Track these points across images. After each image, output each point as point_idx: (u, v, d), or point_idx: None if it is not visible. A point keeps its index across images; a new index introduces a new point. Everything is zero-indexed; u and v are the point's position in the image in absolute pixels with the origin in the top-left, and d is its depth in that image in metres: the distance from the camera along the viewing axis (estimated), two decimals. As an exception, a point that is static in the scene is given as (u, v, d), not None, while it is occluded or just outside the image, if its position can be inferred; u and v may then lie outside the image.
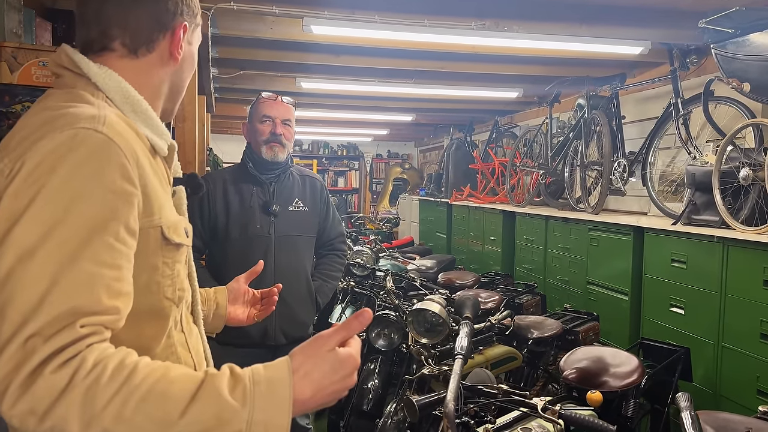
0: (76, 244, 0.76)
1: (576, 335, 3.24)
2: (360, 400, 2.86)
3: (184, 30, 1.01)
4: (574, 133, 4.52)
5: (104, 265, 0.78)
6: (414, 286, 3.87)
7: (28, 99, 1.66)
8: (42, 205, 0.76)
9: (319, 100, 6.00)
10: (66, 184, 0.77)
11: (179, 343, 1.00)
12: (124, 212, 0.82)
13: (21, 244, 0.75)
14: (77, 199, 0.77)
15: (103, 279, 0.78)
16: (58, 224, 0.76)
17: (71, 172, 0.78)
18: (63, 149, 0.78)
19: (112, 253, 0.79)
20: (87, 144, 0.80)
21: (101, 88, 0.91)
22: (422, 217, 7.99)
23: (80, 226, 0.77)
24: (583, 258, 3.87)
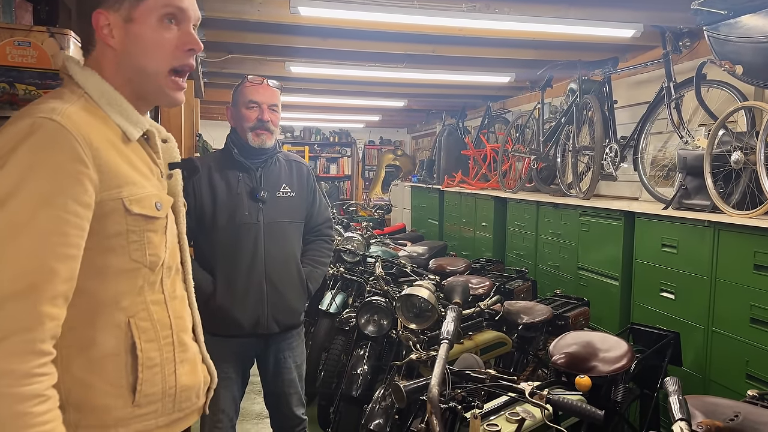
0: (22, 216, 0.92)
1: (566, 320, 3.23)
2: (349, 387, 2.84)
3: (101, 16, 1.09)
4: (565, 118, 4.49)
5: (49, 232, 0.94)
6: (404, 272, 3.85)
7: (3, 80, 1.61)
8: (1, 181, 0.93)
9: (310, 85, 5.94)
10: (18, 164, 0.93)
11: (153, 302, 1.14)
12: (70, 187, 0.97)
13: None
14: (28, 176, 0.93)
15: (49, 245, 0.94)
16: (10, 198, 0.92)
17: (24, 154, 0.94)
18: (19, 136, 0.95)
19: (57, 221, 0.95)
20: (41, 131, 0.96)
21: (81, 86, 1.09)
22: (414, 204, 7.96)
23: (28, 199, 0.93)
24: (573, 243, 3.85)
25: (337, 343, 3.55)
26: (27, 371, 0.91)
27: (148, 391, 1.10)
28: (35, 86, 1.63)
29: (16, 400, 0.90)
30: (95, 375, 1.05)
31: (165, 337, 1.15)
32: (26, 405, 0.90)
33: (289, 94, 6.47)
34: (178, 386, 1.16)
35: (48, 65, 1.65)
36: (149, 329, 1.11)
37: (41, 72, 1.63)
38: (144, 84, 1.13)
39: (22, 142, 0.94)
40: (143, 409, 1.10)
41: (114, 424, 1.07)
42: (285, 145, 10.52)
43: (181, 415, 1.19)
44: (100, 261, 1.04)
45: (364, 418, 2.32)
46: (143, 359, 1.09)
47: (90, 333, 1.05)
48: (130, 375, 1.09)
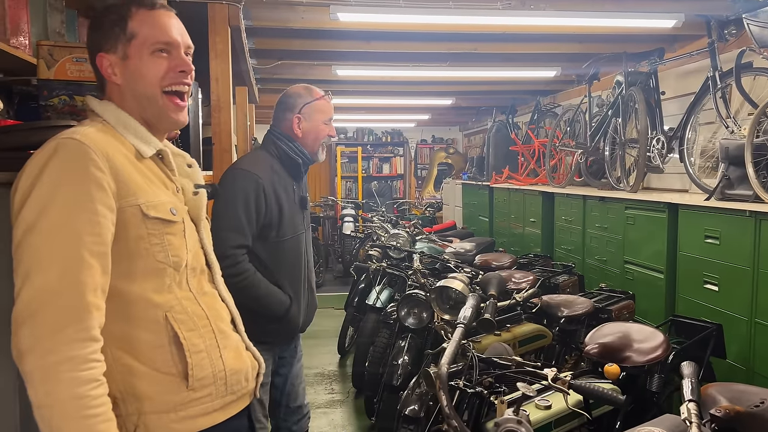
0: (61, 220, 1.06)
1: (609, 314, 3.22)
2: (390, 376, 2.94)
3: (105, 59, 1.26)
4: (612, 110, 4.44)
5: (84, 233, 1.08)
6: (448, 267, 3.92)
7: (63, 92, 1.80)
8: (35, 195, 1.08)
9: (358, 86, 6.08)
10: (50, 178, 1.08)
11: (184, 297, 1.25)
12: (96, 193, 1.11)
13: (23, 223, 1.07)
14: (59, 187, 1.08)
15: (85, 244, 1.08)
16: (47, 206, 1.07)
17: (53, 169, 1.09)
18: (47, 155, 1.11)
19: (90, 223, 1.09)
20: (64, 148, 1.11)
21: (100, 115, 1.26)
22: (465, 201, 7.98)
23: (63, 206, 1.07)
24: (620, 237, 3.82)
25: (382, 336, 3.66)
26: (85, 357, 1.03)
27: (199, 375, 1.20)
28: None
29: (76, 383, 1.01)
30: (146, 366, 1.16)
31: (204, 326, 1.25)
32: (85, 388, 1.02)
33: (338, 96, 6.65)
34: (227, 369, 1.26)
35: (103, 78, 1.83)
36: (187, 320, 1.22)
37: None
38: (148, 109, 1.28)
39: (49, 160, 1.09)
40: (198, 392, 1.20)
41: (174, 408, 1.18)
42: (339, 146, 10.74)
43: (234, 397, 1.29)
44: (127, 264, 1.16)
45: (400, 404, 2.42)
46: (188, 346, 1.20)
47: (130, 329, 1.16)
48: (179, 363, 1.19)
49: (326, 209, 9.29)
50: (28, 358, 1.00)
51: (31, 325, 1.01)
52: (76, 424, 1.00)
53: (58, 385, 1.00)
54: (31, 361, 1.00)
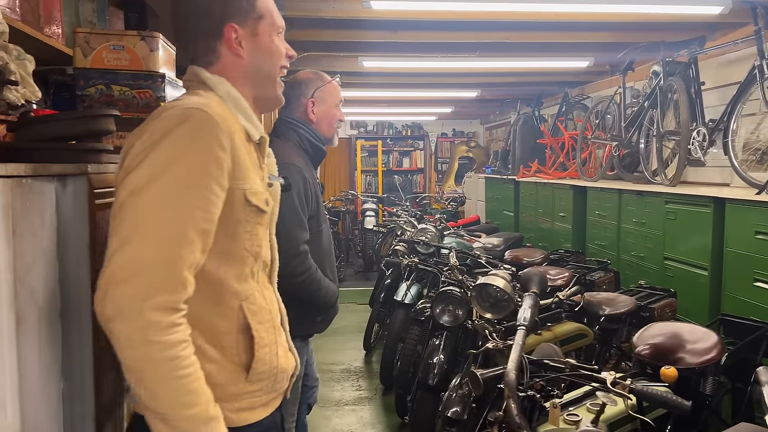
0: (173, 189, 1.02)
1: (651, 312, 3.11)
2: (425, 375, 2.86)
3: (235, 30, 1.22)
4: (649, 101, 4.30)
5: (194, 207, 1.04)
6: (479, 263, 3.82)
7: (101, 82, 1.73)
8: (151, 158, 1.03)
9: (382, 79, 5.99)
10: (173, 145, 1.04)
11: (256, 290, 1.23)
12: (215, 171, 1.07)
13: (132, 184, 1.02)
14: (180, 156, 1.04)
15: (193, 218, 1.04)
16: (161, 173, 1.02)
17: (178, 137, 1.04)
18: (172, 122, 1.06)
19: (202, 199, 1.05)
20: (193, 118, 1.06)
21: (213, 89, 1.21)
22: (488, 196, 7.86)
23: (178, 176, 1.03)
24: (659, 233, 3.70)
25: (413, 333, 3.58)
26: (171, 322, 1.01)
27: (259, 369, 1.19)
28: (129, 87, 1.74)
29: (166, 346, 0.99)
30: (217, 351, 1.16)
31: (268, 321, 1.24)
32: (176, 350, 1.01)
33: (361, 89, 6.56)
34: (279, 367, 1.26)
35: (140, 67, 1.76)
36: (258, 312, 1.21)
37: (134, 73, 1.75)
38: (265, 87, 1.29)
39: (175, 127, 1.05)
40: (254, 386, 1.20)
41: (231, 398, 1.16)
42: (358, 140, 10.66)
43: (275, 395, 1.28)
44: (222, 245, 1.13)
45: (441, 406, 2.33)
46: (258, 339, 1.19)
47: (207, 311, 1.15)
48: (243, 353, 1.18)
49: (346, 203, 9.22)
50: (116, 323, 0.98)
51: (121, 290, 0.98)
52: (169, 384, 1.00)
53: (148, 348, 0.98)
54: (119, 326, 0.98)
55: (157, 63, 1.77)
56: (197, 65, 1.24)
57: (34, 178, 1.10)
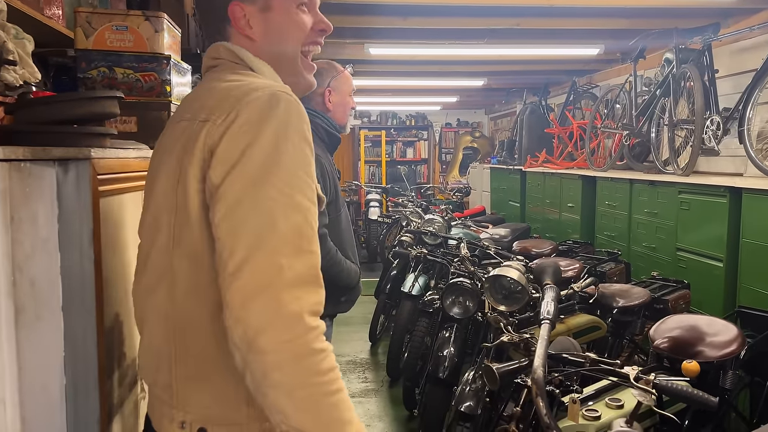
0: (290, 180, 0.91)
1: (665, 304, 3.05)
2: (435, 368, 2.80)
3: (241, 8, 1.07)
4: (661, 90, 4.21)
5: (308, 198, 0.93)
6: (488, 254, 3.76)
7: (103, 64, 1.66)
8: (259, 147, 0.91)
9: (388, 67, 5.90)
10: (274, 131, 0.92)
11: None
12: (311, 157, 0.97)
13: (245, 177, 0.90)
14: (284, 143, 0.92)
15: (310, 211, 0.93)
16: (274, 163, 0.91)
17: (277, 122, 0.93)
18: (268, 105, 0.94)
19: (309, 189, 0.94)
20: (284, 102, 0.95)
21: (259, 73, 1.07)
22: (494, 186, 7.78)
23: (290, 165, 0.92)
24: (672, 223, 3.62)
25: (421, 325, 3.52)
26: (323, 329, 0.90)
27: None
28: (132, 69, 1.67)
29: (326, 355, 0.88)
30: None
31: None
32: (332, 359, 0.89)
33: (366, 77, 6.47)
34: None
35: (144, 48, 1.69)
36: None
37: (138, 55, 1.68)
38: (283, 69, 1.12)
39: (270, 111, 0.93)
40: None
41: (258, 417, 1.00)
42: (362, 130, 10.57)
43: None
44: None
45: (455, 400, 2.27)
46: None
47: None
48: None
49: (350, 194, 9.14)
50: (268, 335, 0.84)
51: (267, 297, 0.85)
52: (333, 399, 0.87)
53: (312, 359, 0.85)
54: (274, 337, 0.84)
55: (162, 44, 1.70)
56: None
57: (34, 162, 1.04)
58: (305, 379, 0.84)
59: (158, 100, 1.69)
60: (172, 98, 1.70)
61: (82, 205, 1.12)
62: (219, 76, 1.04)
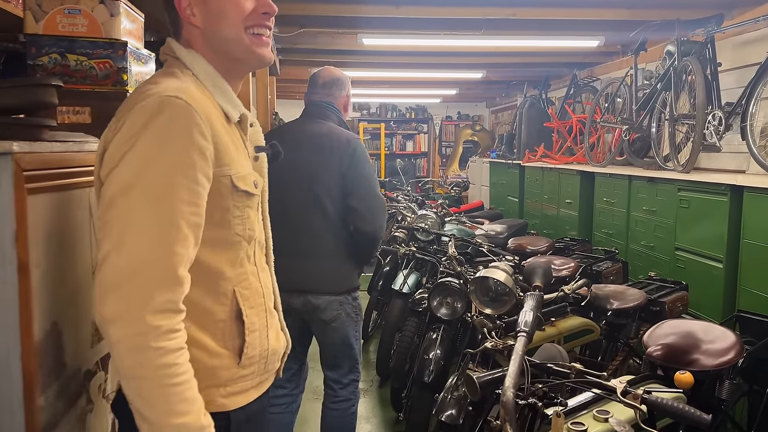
0: (161, 185, 0.99)
1: (661, 306, 2.93)
2: (421, 372, 2.70)
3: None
4: (662, 83, 4.08)
5: (183, 201, 1.00)
6: (481, 252, 3.65)
7: (54, 50, 1.55)
8: (135, 153, 0.99)
9: (384, 58, 5.77)
10: (153, 137, 1.00)
11: (251, 273, 1.22)
12: (199, 161, 1.03)
13: (119, 181, 0.98)
14: (162, 149, 1.00)
15: (183, 214, 1.00)
16: (147, 168, 0.98)
17: (158, 128, 1.00)
18: (152, 111, 1.01)
19: (189, 192, 1.01)
20: (170, 108, 1.01)
21: (188, 67, 1.15)
22: (493, 181, 7.66)
23: (164, 170, 0.99)
24: (671, 222, 3.50)
25: (410, 324, 3.42)
26: (171, 327, 0.98)
27: (250, 354, 1.20)
28: (86, 56, 1.56)
29: (164, 352, 0.97)
30: (211, 339, 1.14)
31: (260, 304, 1.23)
32: (173, 356, 0.98)
33: (362, 68, 6.34)
34: (270, 349, 1.26)
35: (99, 34, 1.58)
36: (250, 297, 1.20)
37: (92, 41, 1.56)
38: (231, 51, 1.18)
39: (152, 118, 1.00)
40: (246, 370, 1.20)
41: (224, 383, 1.16)
42: (361, 122, 10.44)
43: (267, 376, 1.29)
44: (210, 234, 1.10)
45: (436, 408, 2.17)
46: (248, 324, 1.19)
47: (204, 301, 1.13)
48: (237, 339, 1.18)
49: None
50: (115, 327, 0.96)
51: (119, 293, 0.96)
52: (164, 392, 0.98)
53: (147, 354, 0.96)
54: (119, 330, 0.96)
55: (118, 30, 1.58)
56: (173, 37, 1.20)
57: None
58: (140, 371, 0.96)
59: (114, 90, 1.57)
60: (129, 87, 1.59)
61: (3, 204, 1.01)
62: (153, 76, 1.14)
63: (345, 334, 2.42)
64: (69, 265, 1.29)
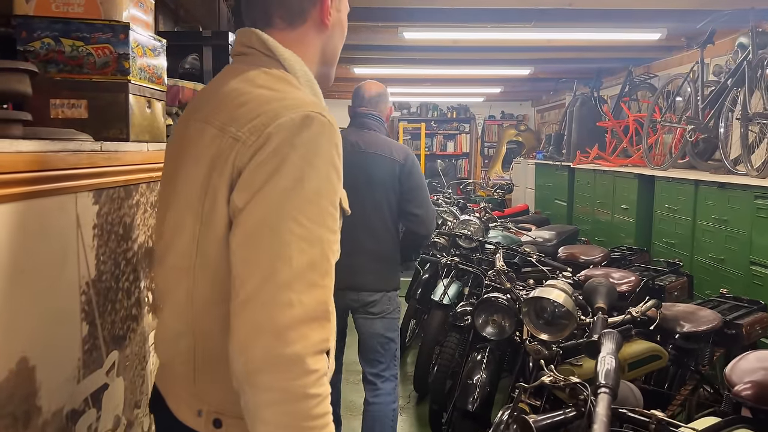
0: (310, 210, 0.89)
1: (737, 329, 2.59)
2: (464, 399, 2.42)
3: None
4: (733, 79, 3.70)
5: (329, 230, 0.92)
6: (529, 261, 3.35)
7: (47, 34, 1.34)
8: (284, 173, 0.89)
9: (426, 54, 5.50)
10: (301, 159, 0.90)
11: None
12: (338, 184, 0.95)
13: (267, 205, 0.88)
14: (308, 172, 0.90)
15: (330, 244, 0.92)
16: (297, 193, 0.89)
17: (305, 150, 0.91)
18: (298, 130, 0.91)
19: (332, 220, 0.93)
20: (316, 125, 0.92)
21: (290, 71, 1.05)
22: (539, 183, 7.30)
23: (311, 195, 0.90)
24: (745, 232, 3.13)
25: (451, 340, 3.14)
26: (324, 370, 0.90)
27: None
28: (83, 41, 1.35)
29: (321, 400, 0.88)
30: None
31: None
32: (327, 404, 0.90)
33: (403, 65, 6.08)
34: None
35: (97, 15, 1.36)
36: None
37: (89, 23, 1.35)
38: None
39: (301, 130, 0.91)
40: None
41: None
42: (401, 122, 10.18)
43: None
44: None
45: (482, 448, 1.89)
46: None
47: None
48: None
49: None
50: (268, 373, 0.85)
51: (273, 335, 0.85)
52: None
53: (306, 403, 0.86)
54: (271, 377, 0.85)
55: (119, 10, 1.37)
56: (261, 29, 1.07)
57: None
58: (295, 422, 0.85)
59: (114, 80, 1.36)
60: (132, 77, 1.37)
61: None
62: (250, 75, 1.01)
63: (390, 327, 2.62)
64: (47, 287, 1.07)
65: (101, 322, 1.29)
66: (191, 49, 2.24)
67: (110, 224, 1.31)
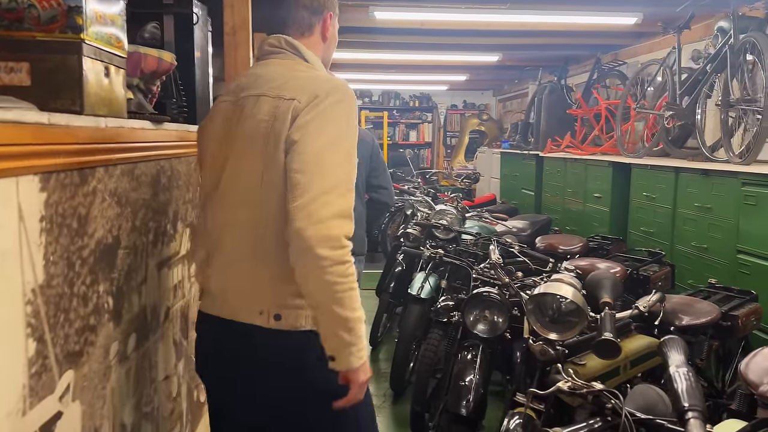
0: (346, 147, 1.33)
1: (734, 321, 2.50)
2: (456, 402, 2.24)
3: (331, 17, 1.53)
4: (713, 65, 3.63)
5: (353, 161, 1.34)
6: (511, 252, 3.20)
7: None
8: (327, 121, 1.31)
9: (393, 38, 5.29)
10: (345, 113, 1.34)
11: None
12: (356, 132, 1.38)
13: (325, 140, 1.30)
14: (347, 122, 1.34)
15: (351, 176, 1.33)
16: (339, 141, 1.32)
17: (347, 107, 1.35)
18: (342, 94, 1.35)
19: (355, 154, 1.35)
20: (350, 95, 1.37)
21: (314, 65, 1.47)
22: (504, 173, 7.22)
23: (349, 138, 1.34)
24: (731, 220, 3.06)
25: (433, 336, 2.96)
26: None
27: None
28: (23, -11, 1.08)
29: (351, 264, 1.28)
30: None
31: None
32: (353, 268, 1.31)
33: (370, 49, 5.85)
34: None
35: (41, -43, 1.10)
36: None
37: (31, -33, 1.09)
38: (326, 68, 1.54)
39: (341, 101, 1.33)
40: None
41: None
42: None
43: None
44: None
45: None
46: None
47: None
48: None
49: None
50: (327, 248, 1.23)
51: (325, 223, 1.23)
52: (352, 294, 1.29)
53: (347, 266, 1.27)
54: (330, 251, 1.23)
55: (69, -48, 1.11)
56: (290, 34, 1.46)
57: None
58: (338, 278, 1.25)
59: (63, 38, 1.10)
60: (85, 36, 1.12)
61: None
62: (290, 65, 1.44)
63: None
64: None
65: (52, 336, 1.04)
66: (150, 17, 1.97)
67: (61, 216, 1.07)
